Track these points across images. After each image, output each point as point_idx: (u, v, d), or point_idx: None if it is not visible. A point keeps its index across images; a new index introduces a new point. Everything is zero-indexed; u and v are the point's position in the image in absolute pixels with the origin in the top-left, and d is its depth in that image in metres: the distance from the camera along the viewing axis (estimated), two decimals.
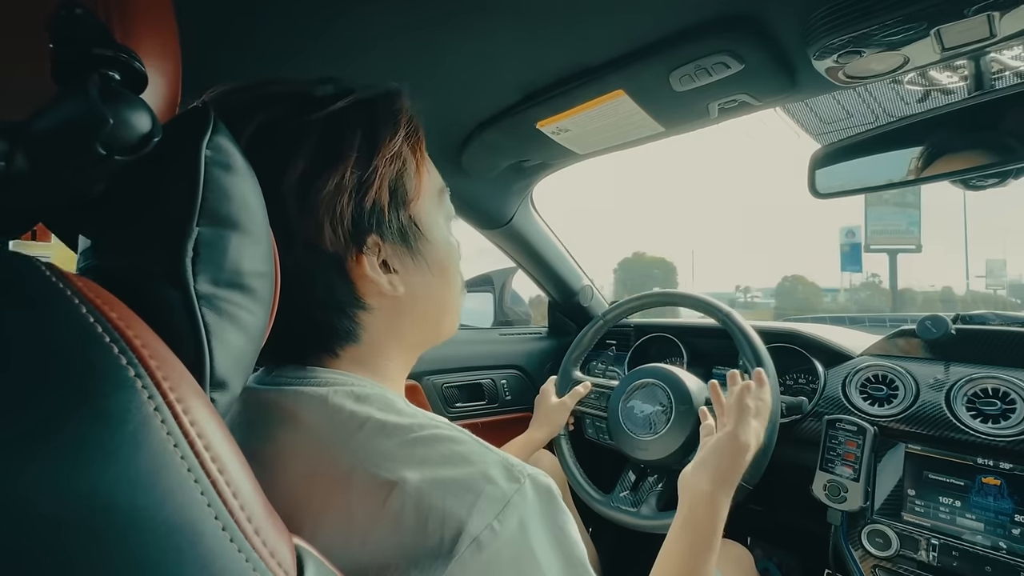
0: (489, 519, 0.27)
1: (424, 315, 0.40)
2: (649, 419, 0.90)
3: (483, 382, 1.23)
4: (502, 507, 0.28)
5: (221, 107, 0.33)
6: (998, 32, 0.49)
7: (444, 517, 0.27)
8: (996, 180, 0.65)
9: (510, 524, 0.28)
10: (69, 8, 0.22)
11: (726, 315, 0.87)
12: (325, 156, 0.33)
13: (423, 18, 0.56)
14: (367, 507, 0.29)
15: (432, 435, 0.31)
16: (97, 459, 0.17)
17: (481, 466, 0.29)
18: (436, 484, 0.28)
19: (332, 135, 0.34)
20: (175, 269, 0.24)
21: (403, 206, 0.37)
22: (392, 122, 0.37)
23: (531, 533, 0.28)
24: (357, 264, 0.35)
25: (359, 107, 0.35)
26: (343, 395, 0.33)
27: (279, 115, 0.33)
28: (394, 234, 0.37)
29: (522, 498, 0.29)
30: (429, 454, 0.30)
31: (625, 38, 0.60)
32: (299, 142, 0.33)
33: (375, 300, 0.37)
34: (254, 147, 0.30)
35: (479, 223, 1.16)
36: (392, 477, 0.29)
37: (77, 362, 0.19)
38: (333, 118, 0.34)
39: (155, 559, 0.18)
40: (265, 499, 0.22)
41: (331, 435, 0.32)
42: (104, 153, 0.22)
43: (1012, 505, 0.67)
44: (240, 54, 0.62)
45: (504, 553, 0.27)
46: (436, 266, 0.40)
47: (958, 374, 0.79)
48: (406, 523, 0.28)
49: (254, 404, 0.36)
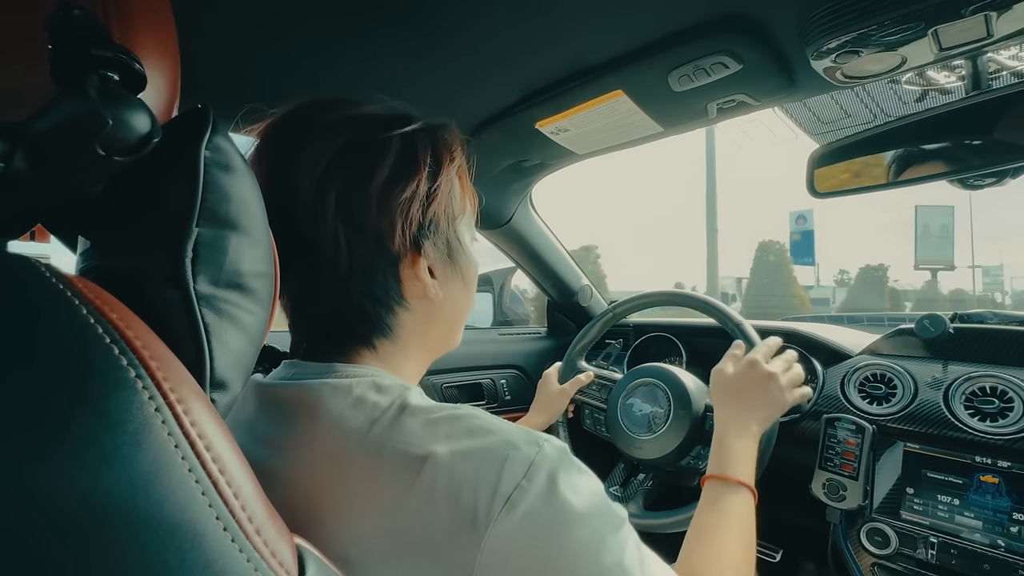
0: (518, 479, 0.30)
1: (449, 321, 0.45)
2: (647, 418, 0.90)
3: (483, 382, 1.23)
4: (527, 467, 0.30)
5: (308, 120, 0.38)
6: (995, 32, 0.49)
7: (477, 484, 0.30)
8: (993, 179, 0.65)
9: (538, 481, 0.30)
10: (68, 9, 0.22)
11: (736, 324, 0.86)
12: (403, 167, 0.38)
13: (422, 19, 0.56)
14: (399, 484, 0.30)
15: (452, 414, 0.33)
16: (98, 460, 0.17)
17: (503, 435, 0.32)
18: (464, 455, 0.31)
19: (408, 151, 0.39)
20: (175, 270, 0.24)
21: (451, 221, 0.42)
22: (451, 147, 0.42)
23: (558, 484, 0.31)
24: (412, 265, 0.39)
25: (427, 131, 0.40)
26: (366, 386, 0.35)
27: (365, 131, 0.38)
28: (442, 244, 0.41)
29: (544, 457, 0.31)
30: (453, 430, 0.32)
31: (624, 38, 0.61)
32: (383, 154, 0.38)
33: (416, 301, 0.40)
34: (343, 157, 0.36)
35: (478, 223, 1.16)
36: (422, 452, 0.31)
37: (77, 363, 0.19)
38: (407, 137, 0.39)
39: (157, 559, 0.18)
40: (266, 499, 0.22)
41: (356, 422, 0.33)
42: (103, 154, 0.22)
43: (1010, 503, 0.68)
44: (238, 56, 0.62)
45: (537, 507, 0.30)
46: (467, 278, 0.45)
47: (956, 373, 0.79)
48: (439, 494, 0.29)
49: (277, 399, 0.37)
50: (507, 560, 0.29)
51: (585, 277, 1.35)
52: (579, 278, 1.34)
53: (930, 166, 0.65)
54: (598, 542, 0.31)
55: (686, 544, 0.55)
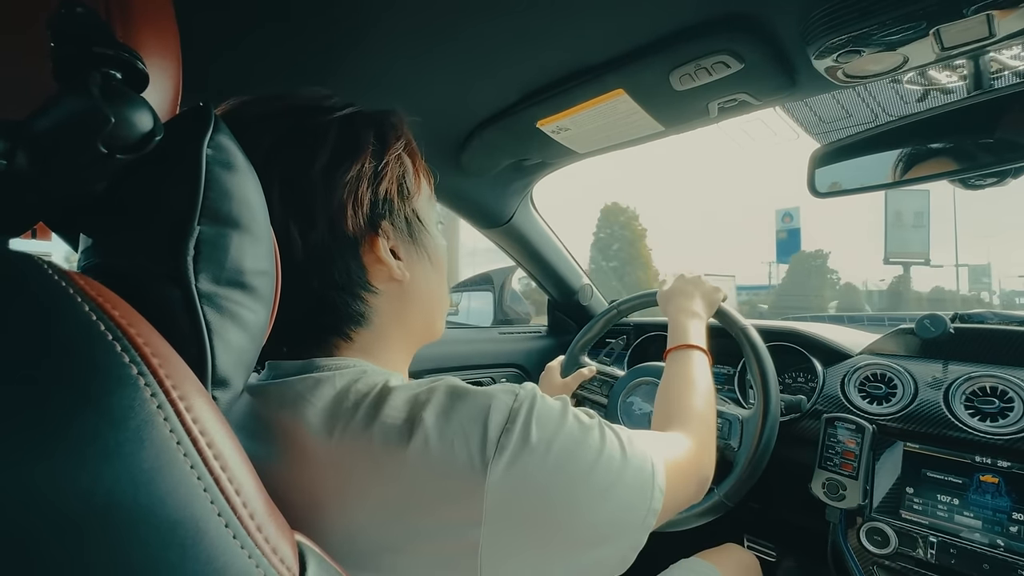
0: (502, 424, 0.32)
1: (424, 304, 0.45)
2: (647, 418, 0.90)
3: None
4: (508, 412, 0.33)
5: (240, 116, 0.38)
6: (997, 32, 0.49)
7: (467, 436, 0.31)
8: (995, 179, 0.65)
9: (520, 421, 0.32)
10: (70, 7, 0.22)
11: (742, 328, 0.86)
12: (345, 148, 0.38)
13: (422, 19, 0.56)
14: (392, 456, 0.31)
15: (432, 385, 0.35)
16: (100, 457, 0.18)
17: (483, 393, 0.34)
18: (450, 413, 0.32)
19: (349, 132, 0.39)
20: (177, 268, 0.24)
21: (407, 200, 0.42)
22: (395, 128, 0.42)
23: (535, 419, 0.33)
24: (371, 248, 0.39)
25: (365, 115, 0.41)
26: (348, 376, 0.36)
27: (301, 118, 0.38)
28: (401, 223, 0.41)
29: (520, 401, 0.34)
30: (435, 396, 0.34)
31: (625, 37, 0.60)
32: (322, 137, 0.38)
33: (383, 285, 0.41)
34: (280, 146, 0.36)
35: (479, 222, 1.16)
36: (410, 421, 0.32)
37: (80, 360, 0.19)
38: (346, 120, 0.39)
39: (158, 556, 0.18)
40: (267, 496, 0.23)
41: (341, 407, 0.34)
42: (106, 152, 0.22)
43: (1010, 503, 0.68)
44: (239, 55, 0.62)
45: (522, 443, 0.32)
46: (434, 258, 0.45)
47: (956, 373, 0.79)
48: (433, 454, 0.31)
49: (262, 397, 0.37)
50: (511, 498, 0.31)
51: (586, 276, 1.35)
52: (579, 277, 1.34)
53: (932, 166, 0.65)
54: (576, 444, 0.34)
55: (658, 402, 0.63)
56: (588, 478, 0.34)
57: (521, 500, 0.31)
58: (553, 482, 0.32)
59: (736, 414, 0.83)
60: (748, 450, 0.78)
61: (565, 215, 9.73)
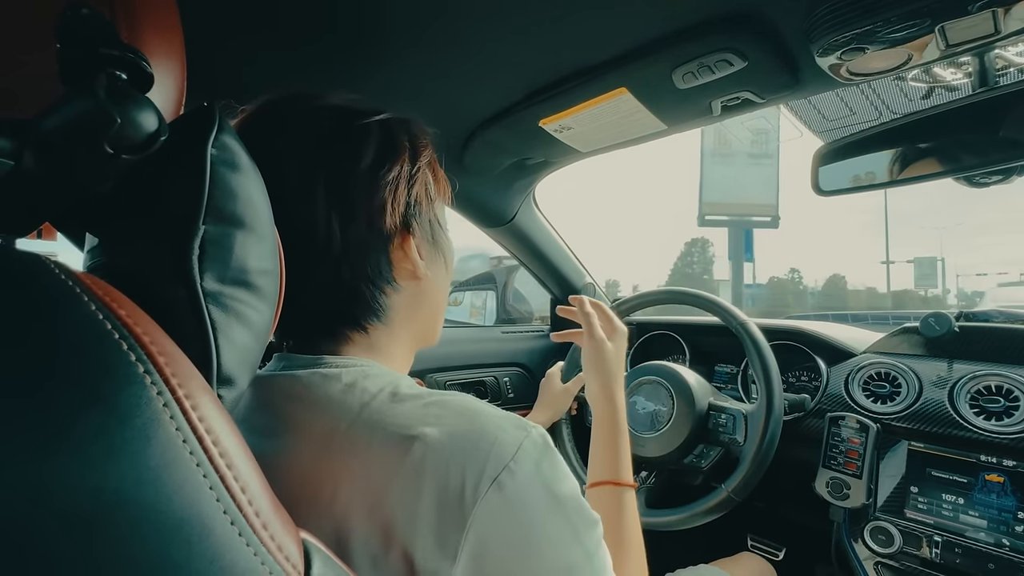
0: (506, 460, 0.31)
1: (434, 304, 0.46)
2: (651, 417, 0.90)
3: (486, 380, 1.23)
4: (516, 450, 0.31)
5: (279, 109, 0.39)
6: (1003, 28, 0.49)
7: (465, 464, 0.30)
8: (1000, 177, 0.65)
9: (526, 464, 0.31)
10: (76, 8, 0.22)
11: (741, 323, 0.86)
12: (387, 150, 0.40)
13: (425, 19, 0.56)
14: (388, 463, 0.31)
15: (442, 399, 0.34)
16: (106, 455, 0.18)
17: (492, 419, 0.33)
18: (454, 436, 0.31)
19: (388, 136, 0.41)
20: (182, 267, 0.24)
21: (432, 203, 0.44)
22: (423, 135, 0.44)
23: (544, 471, 0.32)
24: (401, 246, 0.41)
25: (398, 120, 0.43)
26: (355, 374, 0.36)
27: (342, 118, 0.40)
28: (426, 225, 0.43)
29: (532, 443, 0.32)
30: (443, 413, 0.33)
31: (628, 36, 0.60)
32: (366, 138, 0.39)
33: (404, 282, 0.42)
34: (328, 142, 0.38)
35: (482, 221, 1.16)
36: (413, 432, 0.31)
37: (87, 359, 0.19)
38: (384, 124, 0.41)
39: (163, 553, 0.18)
40: (272, 494, 0.23)
41: (346, 405, 0.34)
42: (111, 152, 0.22)
43: (1015, 502, 0.67)
44: (244, 58, 0.62)
45: (523, 489, 0.31)
46: (448, 260, 0.47)
47: (961, 371, 0.79)
48: (428, 471, 0.30)
49: (269, 388, 0.38)
50: (490, 539, 0.30)
51: (589, 275, 1.35)
52: (582, 276, 1.34)
53: (936, 163, 0.65)
54: (573, 534, 0.32)
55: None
56: (555, 559, 0.31)
57: (496, 548, 0.30)
58: (533, 545, 0.31)
59: (740, 409, 0.83)
60: (753, 444, 0.78)
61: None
